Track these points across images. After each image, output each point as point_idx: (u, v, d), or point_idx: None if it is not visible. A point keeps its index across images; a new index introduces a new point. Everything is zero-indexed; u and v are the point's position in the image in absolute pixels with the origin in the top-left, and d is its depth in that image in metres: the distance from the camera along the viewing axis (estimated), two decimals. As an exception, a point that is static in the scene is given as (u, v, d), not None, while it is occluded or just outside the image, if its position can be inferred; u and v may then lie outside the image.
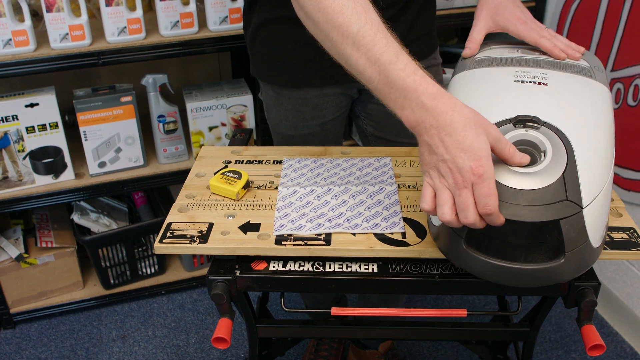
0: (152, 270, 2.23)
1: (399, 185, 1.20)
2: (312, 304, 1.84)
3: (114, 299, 2.20)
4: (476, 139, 0.85)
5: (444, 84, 1.48)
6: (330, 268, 1.07)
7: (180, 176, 2.03)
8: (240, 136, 1.48)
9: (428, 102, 0.88)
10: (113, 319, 2.17)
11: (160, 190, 2.30)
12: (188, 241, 1.08)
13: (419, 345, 2.03)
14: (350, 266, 1.08)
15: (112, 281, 2.17)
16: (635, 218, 1.91)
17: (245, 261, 1.10)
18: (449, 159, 0.86)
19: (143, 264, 2.20)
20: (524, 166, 0.89)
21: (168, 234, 1.10)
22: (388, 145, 1.54)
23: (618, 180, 1.95)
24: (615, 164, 1.93)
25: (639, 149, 1.85)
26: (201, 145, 2.05)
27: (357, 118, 1.58)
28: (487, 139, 0.86)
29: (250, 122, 2.06)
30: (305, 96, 1.43)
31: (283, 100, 1.46)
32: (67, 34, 1.74)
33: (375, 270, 1.07)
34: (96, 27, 1.84)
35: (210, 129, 2.03)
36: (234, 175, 1.20)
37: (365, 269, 1.07)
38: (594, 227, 0.90)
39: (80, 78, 2.22)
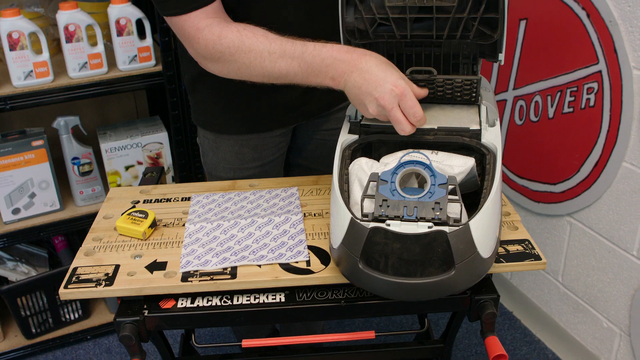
0: (76, 316, 2.18)
1: (305, 214, 1.23)
2: (245, 338, 1.84)
3: (37, 348, 2.13)
4: (390, 71, 1.05)
5: None
6: (238, 301, 1.08)
7: (99, 218, 2.00)
8: (151, 175, 1.48)
9: (343, 56, 1.07)
10: (37, 369, 2.11)
11: (81, 233, 2.26)
12: (94, 285, 1.07)
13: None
14: (258, 297, 1.09)
15: (33, 330, 2.10)
16: (547, 228, 1.99)
17: (153, 300, 1.10)
18: (372, 90, 1.04)
19: (66, 310, 2.15)
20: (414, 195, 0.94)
21: (73, 278, 1.09)
22: (305, 172, 1.57)
23: (528, 193, 2.03)
24: (524, 177, 2.01)
25: (545, 163, 1.93)
26: (118, 185, 2.03)
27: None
28: (398, 72, 1.05)
29: (167, 159, 2.05)
30: (245, 138, 1.45)
31: (222, 143, 1.46)
32: (-30, 81, 1.71)
33: (283, 299, 1.08)
34: (2, 72, 1.81)
35: (127, 168, 2.02)
36: (141, 215, 1.20)
37: (272, 299, 1.08)
38: (482, 238, 0.94)
39: (-9, 124, 2.17)
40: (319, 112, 1.48)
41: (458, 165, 1.03)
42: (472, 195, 1.09)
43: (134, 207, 1.29)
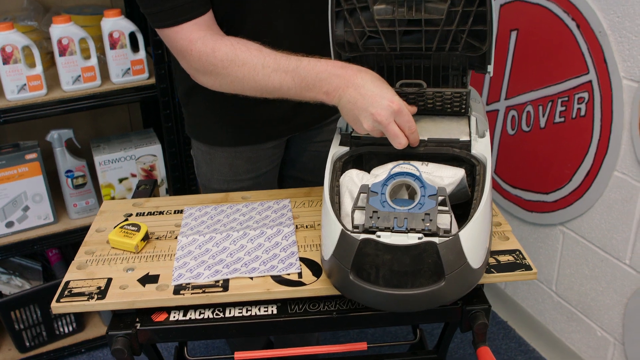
0: (70, 329, 2.17)
1: (297, 226, 1.23)
2: (240, 350, 1.84)
3: (31, 362, 2.13)
4: (385, 87, 1.06)
5: None
6: (230, 313, 1.08)
7: (93, 230, 2.00)
8: (144, 187, 1.49)
9: (338, 72, 1.08)
10: (31, 383, 2.10)
11: (75, 246, 2.25)
12: (86, 298, 1.07)
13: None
14: (250, 310, 1.09)
15: (27, 344, 2.09)
16: (540, 237, 1.99)
17: (146, 314, 1.10)
18: (369, 105, 1.05)
19: (60, 323, 2.14)
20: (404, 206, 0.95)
21: (66, 292, 1.09)
22: (304, 184, 1.58)
23: (521, 202, 2.03)
24: (517, 187, 2.02)
25: (537, 172, 1.94)
26: (112, 198, 2.03)
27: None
28: (392, 89, 1.07)
29: (160, 172, 2.06)
30: (239, 150, 1.45)
31: (216, 155, 1.46)
32: (-36, 94, 1.72)
33: (275, 311, 1.08)
34: (-5, 86, 1.82)
35: (120, 180, 2.02)
36: (133, 228, 1.20)
37: (264, 311, 1.08)
38: (472, 249, 0.94)
39: (-16, 137, 2.17)
40: (311, 124, 1.49)
41: (448, 177, 1.04)
42: (463, 205, 1.10)
43: (126, 220, 1.30)
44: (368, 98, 1.05)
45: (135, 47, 1.88)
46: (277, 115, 1.41)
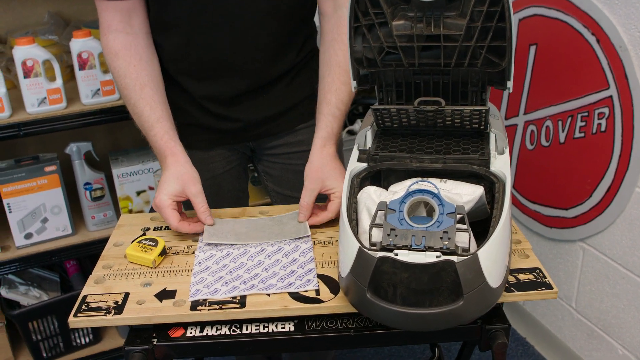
0: (87, 340, 2.18)
1: (314, 242, 1.22)
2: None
3: (48, 373, 2.13)
4: (165, 184, 1.24)
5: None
6: (247, 330, 1.08)
7: (111, 242, 2.01)
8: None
9: (165, 160, 1.28)
10: (48, 394, 2.10)
11: (93, 258, 2.26)
12: (103, 313, 1.07)
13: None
14: (267, 326, 1.08)
15: (44, 354, 2.10)
16: (560, 253, 1.97)
17: (162, 329, 1.09)
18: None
19: (77, 334, 2.15)
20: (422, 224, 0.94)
21: (83, 306, 1.09)
22: (287, 200, 1.56)
23: (540, 218, 2.01)
24: (537, 202, 2.00)
25: (557, 188, 1.92)
26: (130, 210, 2.04)
27: (259, 174, 1.61)
28: (177, 187, 1.24)
29: (178, 184, 2.06)
30: (190, 152, 1.40)
31: None
32: (-15, 107, 1.73)
33: (292, 329, 1.08)
34: (17, 98, 1.83)
35: (138, 193, 2.03)
36: (151, 243, 1.20)
37: (281, 328, 1.08)
38: (491, 268, 0.93)
39: (5, 149, 2.19)
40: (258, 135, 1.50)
41: (466, 194, 1.03)
42: (482, 223, 1.09)
43: (144, 234, 1.30)
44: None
45: (154, 61, 1.89)
46: (204, 121, 1.45)
